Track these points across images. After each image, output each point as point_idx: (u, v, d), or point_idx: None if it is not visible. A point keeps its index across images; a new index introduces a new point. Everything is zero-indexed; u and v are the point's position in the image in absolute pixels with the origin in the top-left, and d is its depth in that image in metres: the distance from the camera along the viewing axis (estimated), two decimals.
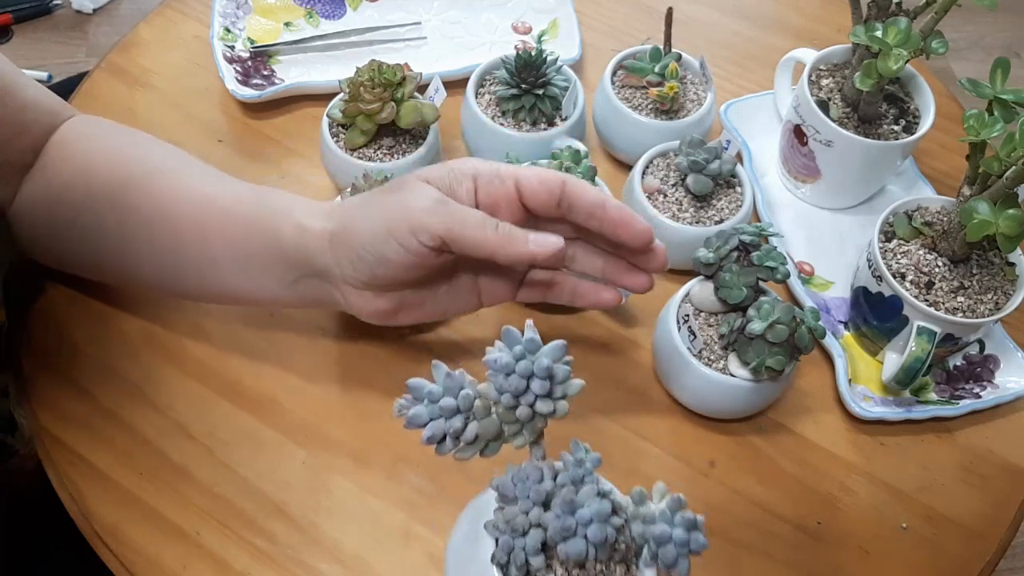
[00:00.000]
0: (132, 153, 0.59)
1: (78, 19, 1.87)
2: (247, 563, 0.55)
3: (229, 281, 0.55)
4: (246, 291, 0.55)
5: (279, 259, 0.53)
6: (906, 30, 0.61)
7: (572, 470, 0.43)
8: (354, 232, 0.50)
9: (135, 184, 0.57)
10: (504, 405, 0.42)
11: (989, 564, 0.59)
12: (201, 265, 0.56)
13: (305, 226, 0.52)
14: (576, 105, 0.71)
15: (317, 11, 0.85)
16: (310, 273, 0.52)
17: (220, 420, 0.61)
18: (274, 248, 0.52)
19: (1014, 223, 0.55)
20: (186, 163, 0.60)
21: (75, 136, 0.60)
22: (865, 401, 0.64)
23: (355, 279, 0.51)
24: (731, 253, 0.60)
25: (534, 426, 0.43)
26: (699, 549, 0.42)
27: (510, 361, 0.41)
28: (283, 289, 0.54)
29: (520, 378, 0.41)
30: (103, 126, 0.62)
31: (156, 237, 0.56)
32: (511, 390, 0.41)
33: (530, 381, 0.42)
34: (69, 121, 0.61)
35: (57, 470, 0.58)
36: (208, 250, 0.55)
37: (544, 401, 0.42)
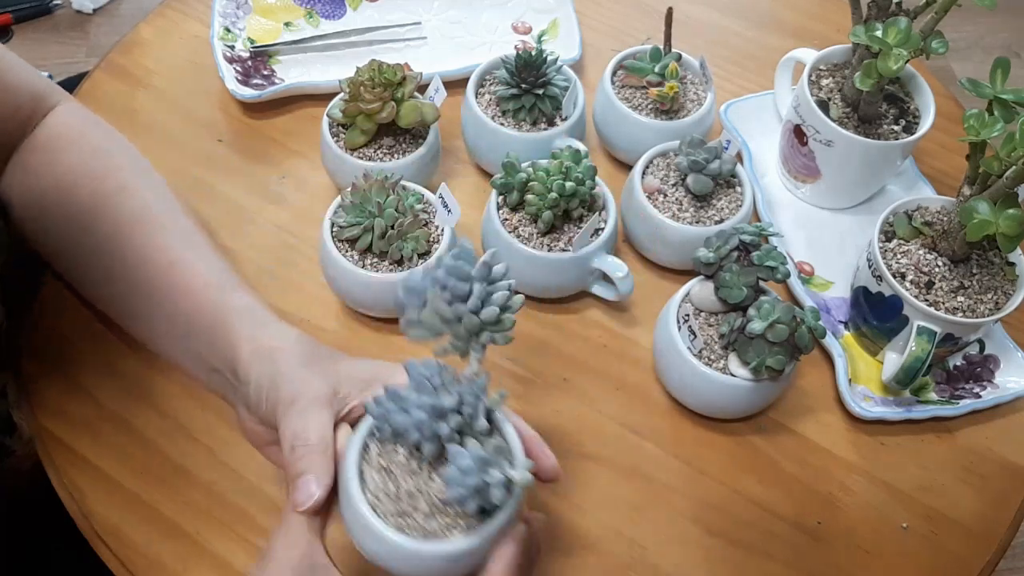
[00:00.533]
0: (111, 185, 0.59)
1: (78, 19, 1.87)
2: (247, 562, 0.55)
3: (158, 339, 0.58)
4: (169, 353, 0.58)
5: (212, 351, 0.54)
6: (906, 30, 0.61)
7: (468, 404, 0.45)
8: (263, 371, 0.50)
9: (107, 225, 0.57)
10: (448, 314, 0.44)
11: (989, 564, 0.59)
12: (141, 315, 0.58)
13: (250, 337, 0.52)
14: (576, 105, 0.71)
15: (317, 11, 0.85)
16: (226, 371, 0.53)
17: (220, 420, 0.61)
18: (212, 343, 0.54)
19: (1014, 223, 0.55)
20: (163, 214, 0.59)
21: (65, 143, 0.60)
22: (865, 401, 0.64)
23: (248, 407, 0.52)
24: (731, 253, 0.60)
25: (480, 343, 0.46)
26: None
27: (453, 264, 0.44)
28: (201, 371, 0.55)
29: (460, 281, 0.44)
30: (90, 137, 0.62)
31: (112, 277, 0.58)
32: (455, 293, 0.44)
33: (471, 284, 0.44)
34: (59, 115, 0.61)
35: (57, 470, 0.58)
36: (151, 312, 0.57)
37: (488, 309, 0.45)
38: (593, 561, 0.57)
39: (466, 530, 0.44)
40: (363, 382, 0.50)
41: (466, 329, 0.45)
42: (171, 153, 0.74)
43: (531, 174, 0.63)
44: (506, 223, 0.65)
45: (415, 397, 0.45)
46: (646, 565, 0.57)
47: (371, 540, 0.44)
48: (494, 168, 0.69)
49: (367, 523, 0.44)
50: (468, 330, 0.45)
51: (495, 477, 0.43)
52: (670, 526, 0.59)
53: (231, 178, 0.74)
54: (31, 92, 0.60)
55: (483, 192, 0.74)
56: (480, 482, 0.42)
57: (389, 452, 0.46)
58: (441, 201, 0.62)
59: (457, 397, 0.45)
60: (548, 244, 0.64)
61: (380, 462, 0.46)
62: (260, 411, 0.50)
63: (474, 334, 0.45)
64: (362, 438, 0.46)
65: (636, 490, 0.60)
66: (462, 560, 0.44)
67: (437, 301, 0.45)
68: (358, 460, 0.46)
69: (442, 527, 0.44)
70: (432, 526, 0.44)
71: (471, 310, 0.45)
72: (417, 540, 0.43)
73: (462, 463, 0.43)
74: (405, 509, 0.44)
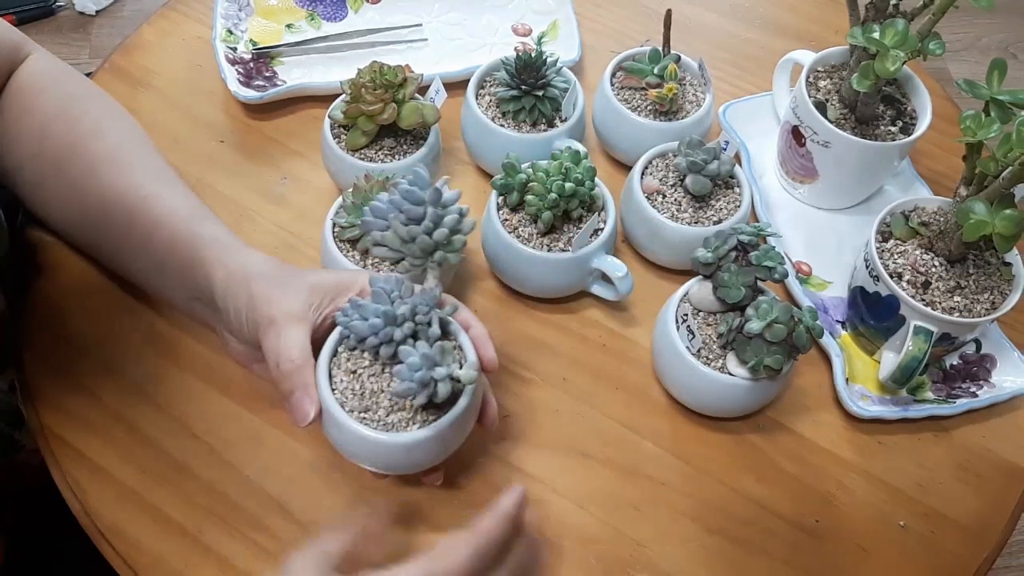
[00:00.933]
0: (85, 126, 0.62)
1: (81, 20, 1.87)
2: (249, 560, 0.56)
3: (137, 273, 0.62)
4: (149, 286, 0.62)
5: (188, 280, 0.57)
6: (903, 32, 0.62)
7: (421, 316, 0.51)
8: (239, 295, 0.54)
9: (82, 164, 0.60)
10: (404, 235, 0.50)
11: (986, 562, 0.59)
12: (119, 249, 0.61)
13: (222, 264, 0.55)
14: (576, 106, 0.72)
15: (319, 13, 0.86)
16: (205, 298, 0.56)
17: (222, 418, 0.61)
18: (187, 271, 0.57)
19: (1010, 223, 0.55)
20: (135, 153, 0.62)
21: (38, 89, 0.63)
22: (862, 400, 0.64)
23: (227, 328, 0.56)
24: (729, 253, 0.60)
25: (435, 260, 0.52)
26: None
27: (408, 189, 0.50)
28: (181, 301, 0.59)
29: (414, 204, 0.50)
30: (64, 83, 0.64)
31: (88, 214, 0.61)
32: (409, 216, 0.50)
33: (424, 208, 0.50)
34: (32, 64, 0.63)
35: (60, 468, 0.58)
36: (128, 245, 0.60)
37: (439, 230, 0.50)
38: (593, 560, 0.57)
39: (421, 424, 0.51)
40: (333, 291, 0.54)
41: (420, 248, 0.51)
42: (173, 154, 0.74)
43: (531, 175, 0.64)
44: (506, 223, 0.65)
45: (372, 306, 0.51)
46: (646, 564, 0.57)
47: (338, 432, 0.51)
48: (494, 169, 0.69)
49: (334, 418, 0.50)
50: (422, 249, 0.51)
51: (440, 373, 0.49)
52: (669, 525, 0.59)
53: (233, 179, 0.74)
54: (7, 42, 0.62)
55: (483, 193, 0.75)
56: (426, 376, 0.48)
57: (356, 357, 0.53)
58: None
59: (411, 306, 0.51)
60: (548, 244, 0.64)
61: (348, 365, 0.53)
62: (242, 334, 0.54)
63: (428, 253, 0.51)
64: (333, 344, 0.53)
65: (636, 489, 0.60)
66: (418, 449, 0.51)
67: (395, 222, 0.51)
68: (328, 363, 0.52)
69: (401, 421, 0.51)
70: (392, 420, 0.51)
71: (424, 232, 0.50)
72: (378, 432, 0.50)
73: (410, 360, 0.49)
74: (369, 406, 0.51)
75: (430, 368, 0.49)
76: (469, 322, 0.55)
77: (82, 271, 0.66)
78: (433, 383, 0.49)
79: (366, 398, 0.51)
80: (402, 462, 0.52)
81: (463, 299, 0.68)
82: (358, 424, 0.50)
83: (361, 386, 0.52)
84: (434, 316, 0.52)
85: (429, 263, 0.52)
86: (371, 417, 0.51)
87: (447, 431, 0.51)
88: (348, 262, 0.62)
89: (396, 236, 0.52)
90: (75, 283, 0.66)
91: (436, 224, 0.51)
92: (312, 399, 0.50)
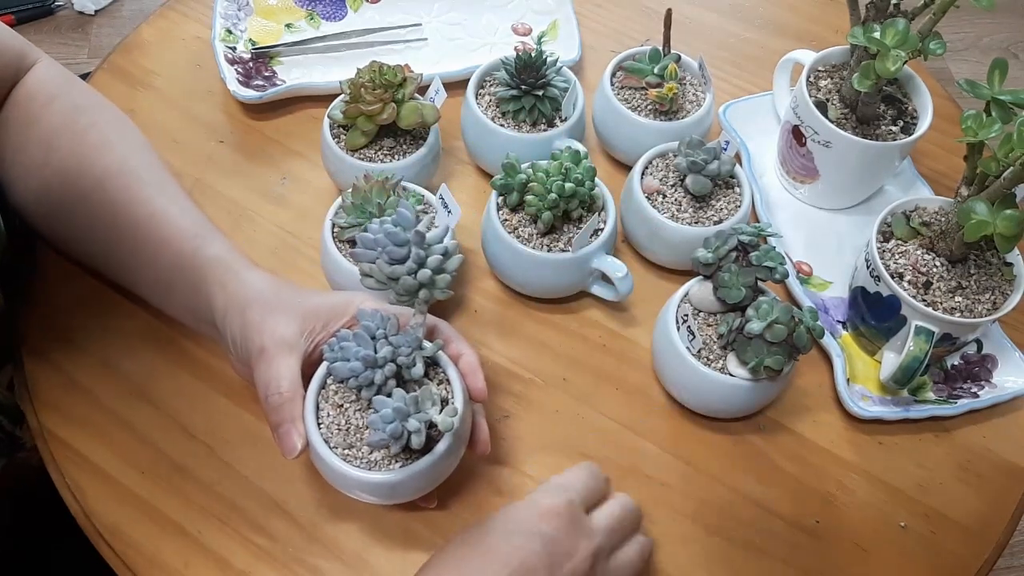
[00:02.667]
0: (93, 139, 0.61)
1: (80, 20, 1.87)
2: (248, 561, 0.56)
3: (146, 292, 0.61)
4: (160, 307, 0.61)
5: (193, 302, 0.57)
6: (904, 31, 0.62)
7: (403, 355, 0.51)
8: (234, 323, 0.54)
9: (89, 179, 0.60)
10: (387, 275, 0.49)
11: (987, 562, 0.59)
12: (127, 267, 0.61)
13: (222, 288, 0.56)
14: (576, 106, 0.72)
15: (318, 12, 0.85)
16: (209, 320, 0.57)
17: (220, 418, 0.61)
18: (191, 295, 0.57)
19: (1012, 223, 0.55)
20: (142, 167, 0.61)
21: (45, 99, 0.62)
22: (863, 400, 0.64)
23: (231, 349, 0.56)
24: (730, 253, 0.60)
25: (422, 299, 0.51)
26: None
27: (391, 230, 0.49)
28: (190, 322, 0.60)
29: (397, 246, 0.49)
30: (72, 95, 0.63)
31: (96, 229, 0.60)
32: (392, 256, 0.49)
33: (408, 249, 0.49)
34: (38, 73, 0.63)
35: (59, 469, 0.58)
36: (136, 263, 0.60)
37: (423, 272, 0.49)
38: None
39: (403, 463, 0.51)
40: (326, 316, 0.54)
41: (404, 288, 0.50)
42: (172, 154, 0.74)
43: (531, 175, 0.64)
44: (506, 224, 0.65)
45: (353, 348, 0.51)
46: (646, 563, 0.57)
47: (324, 467, 0.52)
48: (494, 169, 0.69)
49: (319, 454, 0.51)
50: (406, 289, 0.50)
51: (413, 425, 0.49)
52: (669, 525, 0.59)
53: (232, 179, 0.74)
54: (11, 51, 0.62)
55: (483, 193, 0.75)
56: (398, 429, 0.48)
57: (343, 390, 0.53)
58: (441, 202, 0.63)
59: (391, 349, 0.51)
60: (548, 245, 0.64)
61: (335, 399, 0.53)
62: (241, 360, 0.55)
63: (412, 292, 0.51)
64: (321, 377, 0.53)
65: (636, 490, 0.60)
66: (401, 486, 0.51)
67: (379, 260, 0.50)
68: (316, 396, 0.53)
69: (384, 459, 0.51)
70: (375, 458, 0.51)
71: (407, 272, 0.50)
72: (360, 470, 0.51)
73: (383, 411, 0.49)
74: (353, 442, 0.52)
75: (403, 419, 0.49)
76: (461, 351, 0.55)
77: (81, 271, 0.66)
78: (406, 434, 0.49)
79: (351, 434, 0.52)
80: (387, 496, 0.53)
81: (463, 299, 0.68)
82: (341, 462, 0.51)
83: (347, 421, 0.52)
84: (417, 356, 0.52)
85: (416, 300, 0.51)
86: (354, 454, 0.51)
87: (428, 470, 0.51)
88: (347, 262, 0.62)
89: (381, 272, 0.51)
90: (74, 283, 0.66)
91: (420, 265, 0.50)
92: (299, 432, 0.51)
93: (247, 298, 0.54)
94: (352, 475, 0.51)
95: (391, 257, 0.50)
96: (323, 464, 0.51)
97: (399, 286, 0.50)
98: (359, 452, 0.51)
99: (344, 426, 0.52)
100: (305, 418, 0.51)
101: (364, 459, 0.51)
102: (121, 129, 0.63)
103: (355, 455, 0.51)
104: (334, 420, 0.52)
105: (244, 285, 0.55)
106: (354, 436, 0.52)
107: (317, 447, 0.51)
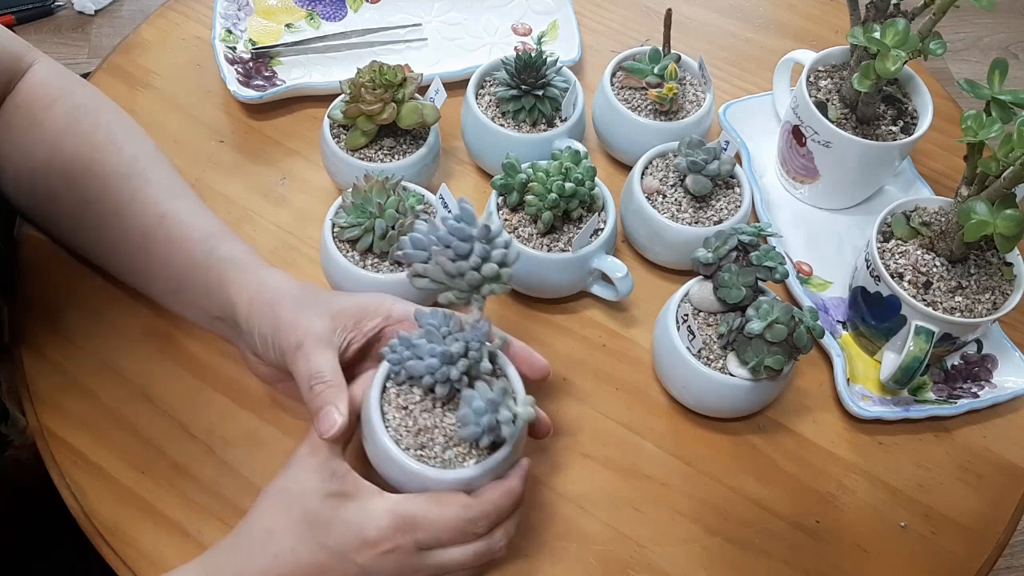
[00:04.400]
0: (98, 139, 0.61)
1: (80, 20, 1.87)
2: None
3: (156, 292, 0.61)
4: (168, 304, 0.61)
5: (207, 302, 0.57)
6: (904, 31, 0.62)
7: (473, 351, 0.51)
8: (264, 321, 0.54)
9: (98, 180, 0.59)
10: (452, 270, 0.50)
11: (987, 562, 0.59)
12: (136, 268, 0.60)
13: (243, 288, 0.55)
14: (576, 106, 0.72)
15: (318, 12, 0.85)
16: (227, 319, 0.56)
17: (220, 418, 0.61)
18: (206, 294, 0.57)
19: (1012, 223, 0.55)
20: (150, 167, 0.61)
21: (47, 101, 0.61)
22: (863, 400, 0.64)
23: (253, 349, 0.56)
24: (730, 253, 0.60)
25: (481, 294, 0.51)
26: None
27: (456, 226, 0.49)
28: (203, 321, 0.59)
29: (462, 241, 0.49)
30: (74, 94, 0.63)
31: (105, 232, 0.60)
32: (458, 252, 0.49)
33: (472, 244, 0.49)
34: (38, 74, 0.62)
35: (58, 468, 0.58)
36: (146, 264, 0.59)
37: (488, 265, 0.50)
38: (593, 560, 0.57)
39: (477, 459, 0.50)
40: (356, 316, 0.54)
41: (468, 284, 0.50)
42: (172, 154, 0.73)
43: (531, 175, 0.64)
44: (506, 223, 0.65)
45: (427, 345, 0.50)
46: (645, 564, 0.57)
47: (395, 470, 0.50)
48: (494, 169, 0.69)
49: (392, 455, 0.50)
50: (470, 284, 0.50)
51: (504, 415, 0.48)
52: (669, 525, 0.59)
53: (232, 179, 0.74)
54: (8, 52, 0.61)
55: (483, 193, 0.75)
56: (492, 421, 0.48)
57: (406, 392, 0.52)
58: (441, 202, 0.63)
59: (463, 344, 0.50)
60: (548, 244, 0.64)
61: (399, 402, 0.52)
62: (268, 357, 0.54)
63: (476, 287, 0.50)
64: (381, 380, 0.52)
65: (636, 490, 0.60)
66: (476, 482, 0.50)
67: (441, 258, 0.50)
68: (379, 400, 0.51)
69: (457, 457, 0.50)
70: (448, 456, 0.50)
71: (472, 267, 0.50)
72: (436, 469, 0.50)
73: (475, 404, 0.48)
74: (424, 442, 0.51)
75: (494, 411, 0.48)
76: (508, 341, 0.55)
77: (80, 269, 0.66)
78: (498, 425, 0.48)
79: (421, 435, 0.51)
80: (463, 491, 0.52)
81: None
82: (416, 462, 0.50)
83: (414, 422, 0.51)
84: (484, 351, 0.52)
85: (475, 296, 0.51)
86: (427, 454, 0.50)
87: (504, 462, 0.51)
88: (347, 262, 0.62)
89: (441, 270, 0.51)
90: (74, 282, 0.66)
91: (484, 259, 0.50)
92: (341, 412, 0.50)
93: (274, 296, 0.54)
94: (431, 476, 0.49)
95: (457, 253, 0.50)
96: (395, 467, 0.50)
97: (463, 281, 0.50)
98: (431, 452, 0.50)
99: (412, 427, 0.51)
100: (372, 421, 0.50)
101: (438, 458, 0.50)
102: (127, 129, 0.63)
103: (428, 455, 0.50)
104: (401, 422, 0.51)
105: (267, 284, 0.55)
106: (424, 436, 0.51)
107: (391, 451, 0.50)
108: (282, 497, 0.49)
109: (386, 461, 0.50)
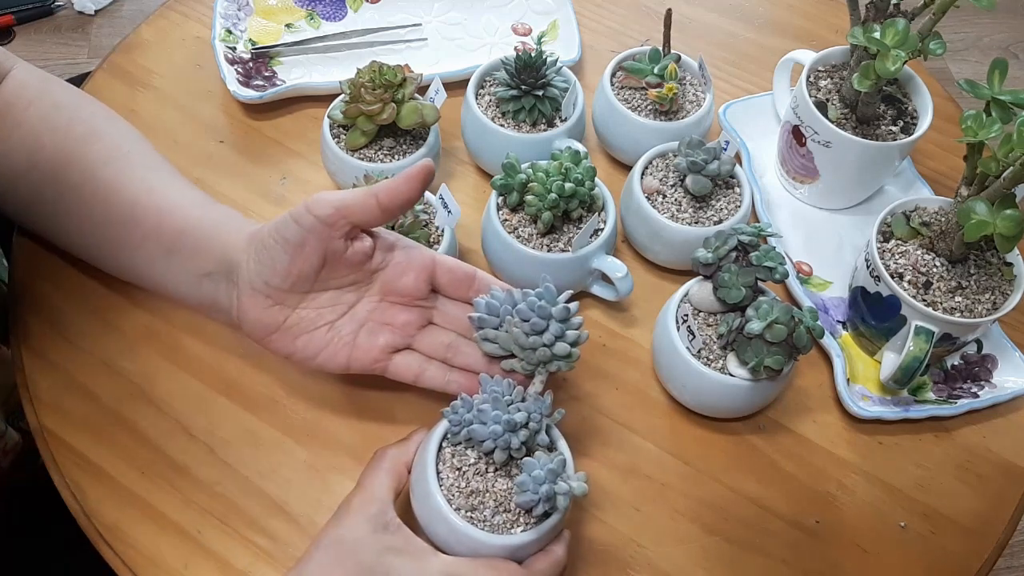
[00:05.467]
0: (79, 132, 0.61)
1: (80, 20, 1.87)
2: (248, 561, 0.56)
3: (140, 265, 0.59)
4: (152, 276, 0.59)
5: (198, 258, 0.57)
6: (904, 31, 0.62)
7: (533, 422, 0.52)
8: (266, 227, 0.55)
9: (80, 169, 0.59)
10: (525, 343, 0.52)
11: (987, 562, 0.59)
12: (122, 243, 0.59)
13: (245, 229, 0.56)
14: (576, 106, 0.72)
15: (318, 13, 0.85)
16: (220, 270, 0.56)
17: (220, 419, 0.61)
18: (201, 249, 0.57)
19: (1012, 223, 0.55)
20: (134, 151, 0.61)
21: (25, 103, 0.61)
22: (863, 400, 0.64)
23: (257, 275, 0.54)
24: (730, 253, 0.60)
25: (547, 369, 0.53)
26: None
27: (539, 304, 0.52)
28: (188, 287, 0.58)
29: (541, 318, 0.52)
30: (52, 94, 0.63)
31: (89, 215, 0.60)
32: (535, 328, 0.52)
33: (549, 322, 0.52)
34: (16, 78, 0.62)
35: (59, 468, 0.58)
36: (131, 235, 0.58)
37: (560, 345, 0.52)
38: (592, 560, 0.57)
39: (525, 527, 0.51)
40: None
41: (538, 359, 0.52)
42: (172, 154, 0.74)
43: (531, 175, 0.64)
44: (506, 223, 0.65)
45: (492, 411, 0.51)
46: (645, 564, 0.57)
47: (445, 530, 0.50)
48: (494, 169, 0.69)
49: (444, 515, 0.50)
50: (540, 359, 0.52)
51: (563, 488, 0.49)
52: (669, 525, 0.59)
53: (232, 179, 0.74)
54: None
55: (483, 193, 0.75)
56: (550, 491, 0.49)
57: (460, 454, 0.53)
58: (441, 202, 0.63)
59: (526, 414, 0.51)
60: (547, 245, 0.64)
61: (453, 462, 0.52)
62: (278, 263, 0.53)
63: (544, 363, 0.53)
64: (438, 439, 0.53)
65: (635, 489, 0.60)
66: (522, 550, 0.51)
67: (516, 329, 0.52)
68: (435, 457, 0.52)
69: (504, 523, 0.51)
70: (497, 521, 0.51)
71: (545, 344, 0.52)
72: (486, 532, 0.50)
73: (535, 473, 0.49)
74: (475, 504, 0.51)
75: (553, 483, 0.49)
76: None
77: (80, 269, 0.66)
78: (555, 496, 0.49)
79: (472, 497, 0.51)
80: (509, 558, 0.52)
81: None
82: (466, 524, 0.50)
83: (467, 484, 0.51)
84: (544, 424, 0.52)
85: (540, 370, 0.53)
86: (478, 517, 0.51)
87: (551, 531, 0.51)
88: None
89: (513, 340, 0.53)
90: (74, 283, 0.66)
91: (558, 338, 0.52)
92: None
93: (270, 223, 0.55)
94: (481, 539, 0.50)
95: (533, 328, 0.52)
96: (446, 526, 0.50)
97: (534, 356, 0.52)
98: (481, 515, 0.51)
99: (465, 489, 0.51)
100: (427, 478, 0.51)
101: (487, 522, 0.51)
102: (108, 118, 0.63)
103: (478, 518, 0.51)
104: (454, 483, 0.51)
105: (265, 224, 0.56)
106: (476, 499, 0.51)
107: (443, 510, 0.50)
108: (337, 549, 0.49)
109: (437, 521, 0.50)
